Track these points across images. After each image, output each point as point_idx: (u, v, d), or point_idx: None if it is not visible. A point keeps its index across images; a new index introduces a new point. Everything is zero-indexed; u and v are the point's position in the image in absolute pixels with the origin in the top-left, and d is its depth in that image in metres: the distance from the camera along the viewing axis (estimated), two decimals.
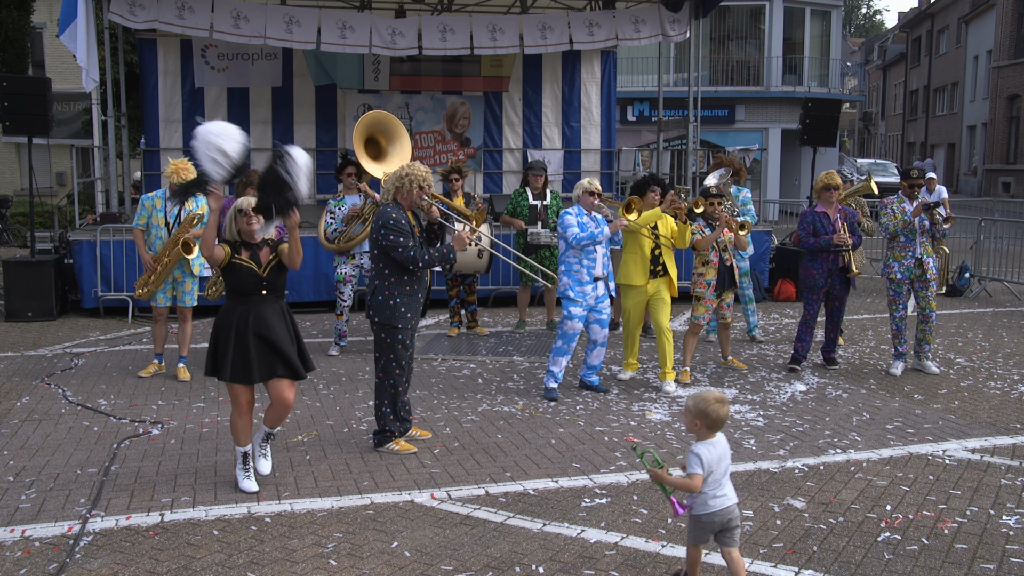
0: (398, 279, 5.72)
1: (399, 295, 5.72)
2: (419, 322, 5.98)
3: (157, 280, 7.62)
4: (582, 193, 7.24)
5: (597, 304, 7.22)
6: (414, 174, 5.73)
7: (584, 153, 15.84)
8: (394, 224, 5.61)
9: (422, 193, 5.77)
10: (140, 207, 7.82)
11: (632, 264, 7.48)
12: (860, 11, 77.17)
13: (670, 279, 7.52)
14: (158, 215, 7.70)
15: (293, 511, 4.87)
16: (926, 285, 8.03)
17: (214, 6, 11.37)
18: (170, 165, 7.59)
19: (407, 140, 8.54)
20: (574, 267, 7.16)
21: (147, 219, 7.72)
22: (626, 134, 24.64)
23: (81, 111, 21.51)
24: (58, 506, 4.91)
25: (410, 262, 5.63)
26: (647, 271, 7.44)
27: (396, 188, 5.76)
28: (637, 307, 7.57)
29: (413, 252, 5.63)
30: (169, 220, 7.67)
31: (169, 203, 7.65)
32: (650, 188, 7.57)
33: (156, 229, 7.69)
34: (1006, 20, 34.46)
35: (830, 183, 7.98)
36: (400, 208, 5.72)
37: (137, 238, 7.79)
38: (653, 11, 12.86)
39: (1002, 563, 4.30)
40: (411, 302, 5.78)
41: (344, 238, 8.54)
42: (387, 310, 5.70)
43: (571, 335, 7.21)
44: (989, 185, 35.17)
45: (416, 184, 5.72)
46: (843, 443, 6.08)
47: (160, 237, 7.67)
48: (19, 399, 7.12)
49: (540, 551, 4.38)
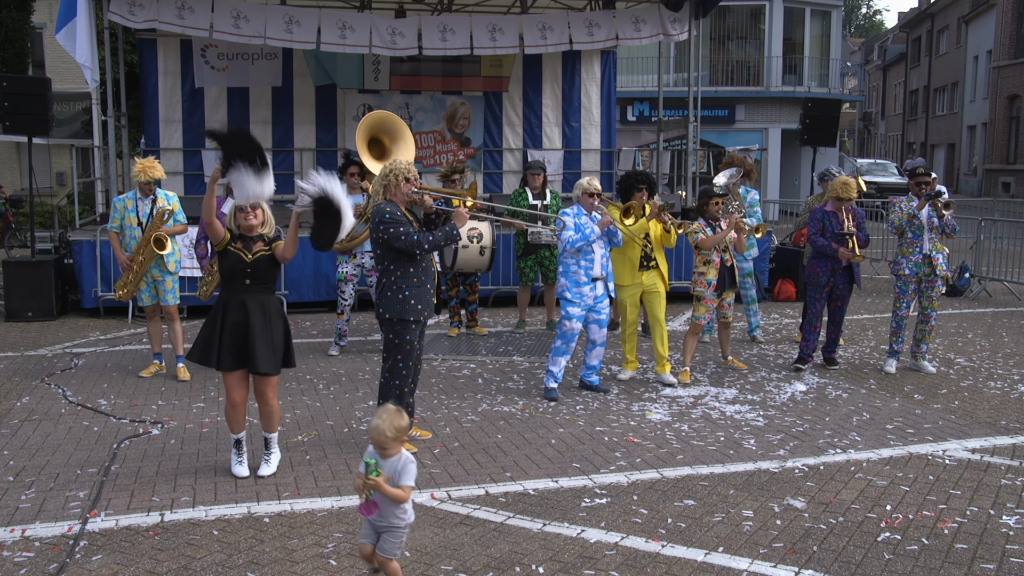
0: (404, 272, 5.72)
1: (407, 287, 5.72)
2: (431, 316, 5.98)
3: (135, 279, 7.71)
4: (581, 194, 7.24)
5: (596, 304, 7.23)
6: (396, 169, 5.77)
7: (584, 153, 15.84)
8: (390, 217, 5.64)
9: (410, 185, 5.79)
10: (112, 209, 7.92)
11: (619, 264, 7.60)
12: (860, 11, 77.19)
13: (661, 272, 7.61)
14: (130, 215, 7.76)
15: (293, 511, 4.87)
16: (932, 285, 8.03)
17: (214, 6, 11.36)
18: (137, 164, 7.69)
19: (411, 139, 8.55)
20: (571, 268, 7.17)
21: (120, 220, 7.78)
22: (626, 134, 24.63)
23: (81, 111, 21.49)
24: (58, 506, 4.91)
25: (415, 246, 5.63)
26: (635, 269, 7.58)
27: (384, 187, 5.80)
28: (631, 299, 7.65)
29: (416, 236, 5.65)
30: (142, 219, 7.73)
31: (140, 202, 7.74)
32: (636, 188, 7.62)
33: (129, 229, 7.76)
34: (1006, 20, 34.46)
35: (843, 196, 7.91)
36: (394, 204, 5.75)
37: (112, 240, 7.89)
38: (653, 11, 12.86)
39: (1002, 563, 4.30)
40: (421, 293, 5.76)
41: (347, 237, 8.53)
42: (397, 304, 5.70)
43: (570, 335, 7.21)
44: (989, 185, 35.17)
45: (401, 177, 5.75)
46: (843, 443, 6.08)
47: (134, 237, 7.73)
48: (19, 399, 7.12)
49: (540, 551, 4.38)
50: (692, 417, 6.69)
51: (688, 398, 7.22)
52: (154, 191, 7.76)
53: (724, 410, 6.87)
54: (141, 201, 7.74)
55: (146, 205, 7.74)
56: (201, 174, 14.45)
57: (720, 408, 6.93)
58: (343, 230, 5.31)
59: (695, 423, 6.54)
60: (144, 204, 7.74)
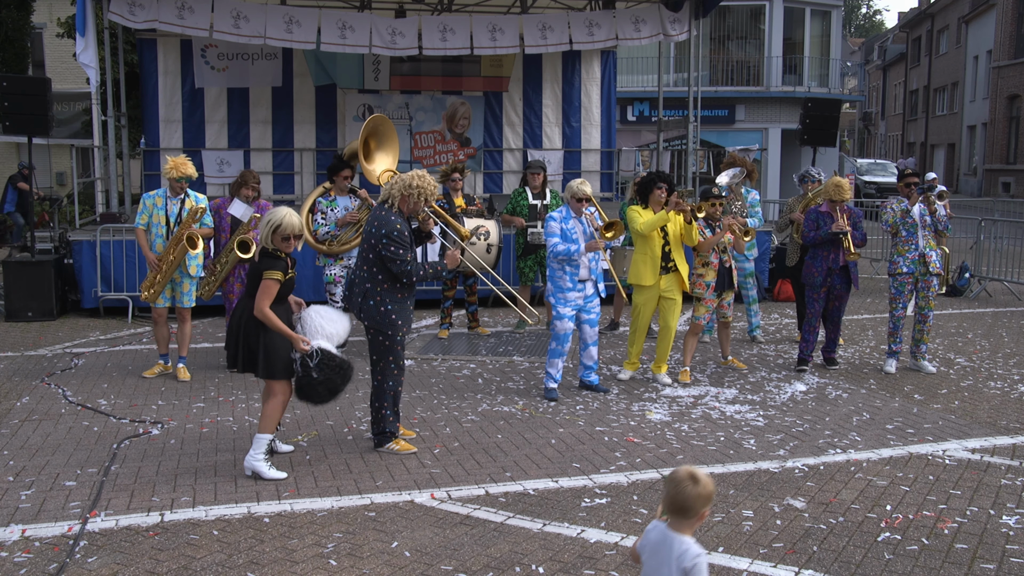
0: (390, 287, 5.72)
1: (390, 302, 5.72)
2: (410, 329, 6.03)
3: (164, 279, 7.58)
4: (570, 198, 7.21)
5: (586, 304, 7.24)
6: (424, 187, 5.69)
7: (584, 153, 15.84)
8: (398, 236, 5.59)
9: (426, 206, 5.84)
10: (141, 206, 7.77)
11: (642, 264, 7.51)
12: (860, 11, 77.17)
13: (681, 277, 7.54)
14: (159, 213, 7.64)
15: (293, 511, 4.87)
16: (928, 285, 8.04)
17: (214, 6, 11.37)
18: (168, 162, 7.59)
19: (396, 147, 8.66)
20: (556, 273, 7.19)
21: (148, 218, 7.67)
22: (626, 134, 24.65)
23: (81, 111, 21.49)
24: (58, 506, 4.91)
25: (405, 275, 5.65)
26: (657, 270, 7.49)
27: (403, 196, 5.71)
28: (648, 303, 7.60)
29: (410, 267, 5.64)
30: (170, 218, 7.63)
31: (169, 201, 7.64)
32: (656, 186, 7.56)
33: (156, 227, 7.64)
34: (1006, 20, 34.46)
35: (835, 198, 7.92)
36: (401, 215, 5.72)
37: (140, 237, 7.72)
38: (653, 11, 12.86)
39: (1002, 563, 4.30)
40: (402, 310, 5.78)
41: (338, 242, 8.53)
42: (378, 316, 5.71)
43: (563, 336, 7.22)
44: (989, 185, 35.18)
45: (424, 197, 5.73)
46: (843, 443, 6.08)
47: (160, 235, 7.62)
48: (19, 399, 7.12)
49: (540, 551, 4.38)
50: (692, 417, 6.70)
51: (688, 398, 7.22)
52: (185, 189, 7.64)
53: (724, 410, 6.87)
54: (171, 200, 7.63)
55: (175, 204, 7.62)
56: (201, 174, 14.44)
57: (720, 408, 6.93)
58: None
59: (695, 423, 6.54)
60: (173, 203, 7.62)
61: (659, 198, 7.50)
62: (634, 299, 7.69)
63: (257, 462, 5.34)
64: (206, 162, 14.31)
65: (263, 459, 5.35)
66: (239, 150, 14.48)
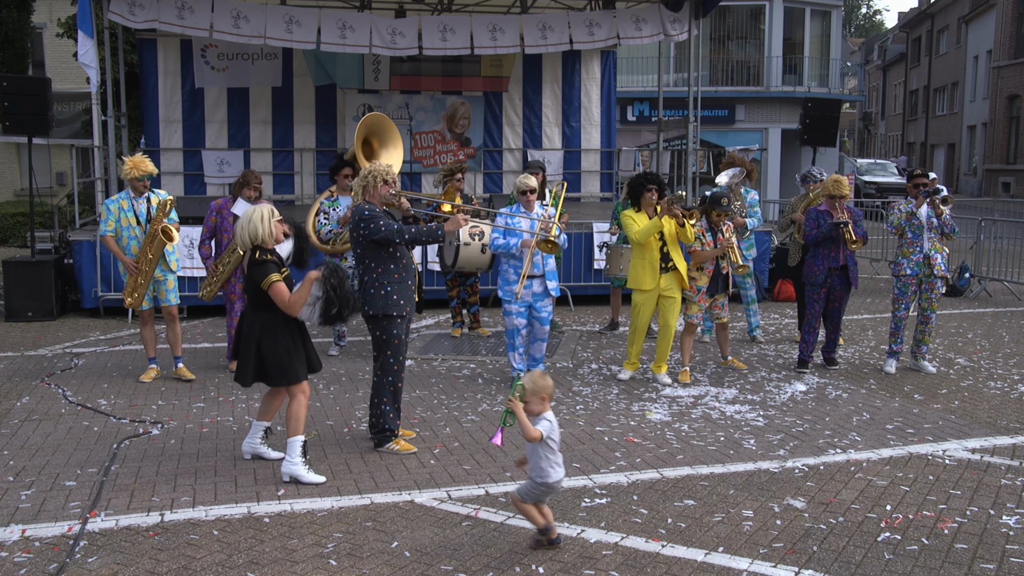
0: (385, 268, 5.79)
1: (388, 283, 5.78)
2: (413, 312, 6.03)
3: (146, 281, 7.47)
4: (515, 191, 7.43)
5: (536, 303, 7.36)
6: (376, 170, 5.85)
7: (584, 153, 15.85)
8: (368, 214, 5.72)
9: (388, 188, 5.87)
10: (106, 212, 7.57)
11: (641, 269, 7.53)
12: (860, 11, 77.19)
13: (680, 275, 7.55)
14: (126, 216, 7.49)
15: (293, 511, 4.87)
16: (932, 286, 8.04)
17: (214, 6, 11.36)
18: (127, 163, 7.46)
19: (400, 145, 8.61)
20: (502, 266, 7.42)
21: (115, 223, 7.50)
22: (626, 134, 24.64)
23: (81, 111, 21.48)
24: (58, 506, 4.91)
25: (394, 235, 5.70)
26: (656, 273, 7.51)
27: (363, 188, 5.88)
28: (648, 303, 7.61)
29: (396, 226, 5.73)
30: (140, 218, 7.50)
31: (135, 202, 7.51)
32: (646, 188, 7.57)
33: (128, 230, 7.49)
34: (1006, 20, 34.47)
35: (835, 193, 7.92)
36: (372, 205, 5.83)
37: (110, 244, 7.54)
38: (653, 10, 12.86)
39: (1002, 563, 4.29)
40: (402, 289, 5.83)
41: (340, 240, 8.54)
42: (379, 300, 5.76)
43: (511, 331, 7.44)
44: (989, 185, 35.18)
45: (380, 179, 5.82)
46: (843, 443, 6.08)
47: (133, 237, 7.49)
48: (19, 399, 7.12)
49: (540, 551, 4.38)
50: (692, 417, 6.70)
51: (688, 398, 7.22)
52: (148, 187, 7.55)
53: (724, 410, 6.87)
54: (136, 200, 7.53)
55: (141, 204, 7.52)
56: (201, 174, 14.48)
57: (720, 408, 6.93)
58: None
59: (695, 423, 6.54)
60: (139, 203, 7.52)
61: (650, 200, 7.52)
62: (633, 299, 7.69)
63: (295, 467, 5.28)
64: (206, 162, 14.31)
65: (300, 463, 5.29)
66: (239, 150, 14.49)
